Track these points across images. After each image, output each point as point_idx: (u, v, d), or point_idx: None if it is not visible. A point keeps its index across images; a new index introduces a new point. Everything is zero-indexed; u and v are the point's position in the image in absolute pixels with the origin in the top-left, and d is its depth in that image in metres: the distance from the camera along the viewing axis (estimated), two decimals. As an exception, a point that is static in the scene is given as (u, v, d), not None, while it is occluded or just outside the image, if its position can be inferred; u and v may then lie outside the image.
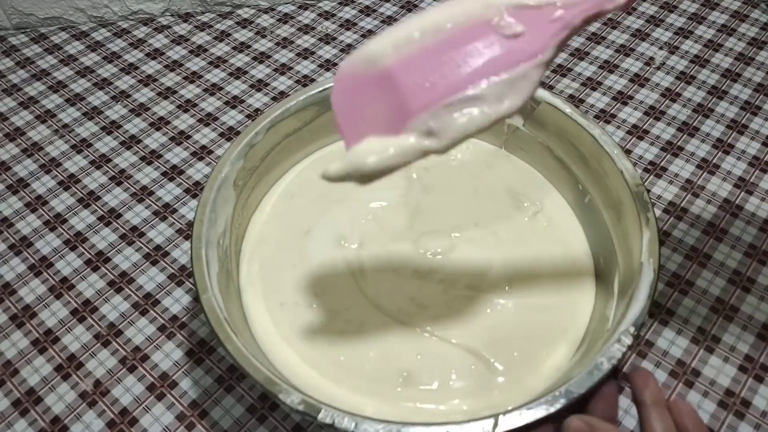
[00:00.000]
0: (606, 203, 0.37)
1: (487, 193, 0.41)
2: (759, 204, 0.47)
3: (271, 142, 0.39)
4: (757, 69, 0.56)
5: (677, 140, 0.51)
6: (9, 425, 0.38)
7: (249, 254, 0.38)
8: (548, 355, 0.34)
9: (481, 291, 0.36)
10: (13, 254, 0.45)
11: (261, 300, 0.36)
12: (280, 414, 0.37)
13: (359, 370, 0.34)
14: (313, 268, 0.37)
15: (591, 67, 0.57)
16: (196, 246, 0.33)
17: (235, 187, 0.37)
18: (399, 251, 0.38)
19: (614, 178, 0.36)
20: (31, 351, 0.41)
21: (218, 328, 0.31)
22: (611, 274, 0.36)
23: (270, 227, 0.39)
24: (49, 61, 0.59)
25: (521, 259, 0.38)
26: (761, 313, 0.41)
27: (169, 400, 0.38)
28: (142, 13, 0.63)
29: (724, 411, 0.37)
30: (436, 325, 0.35)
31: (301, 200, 0.41)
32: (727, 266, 0.43)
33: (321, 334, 0.35)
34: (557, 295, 0.36)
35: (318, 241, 0.38)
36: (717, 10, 0.61)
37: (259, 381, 0.29)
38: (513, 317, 0.36)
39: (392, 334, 0.35)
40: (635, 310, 0.30)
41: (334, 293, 0.36)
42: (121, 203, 0.48)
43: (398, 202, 0.40)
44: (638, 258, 0.33)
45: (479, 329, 0.35)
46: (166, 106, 0.55)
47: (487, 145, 0.44)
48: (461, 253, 0.38)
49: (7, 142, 0.53)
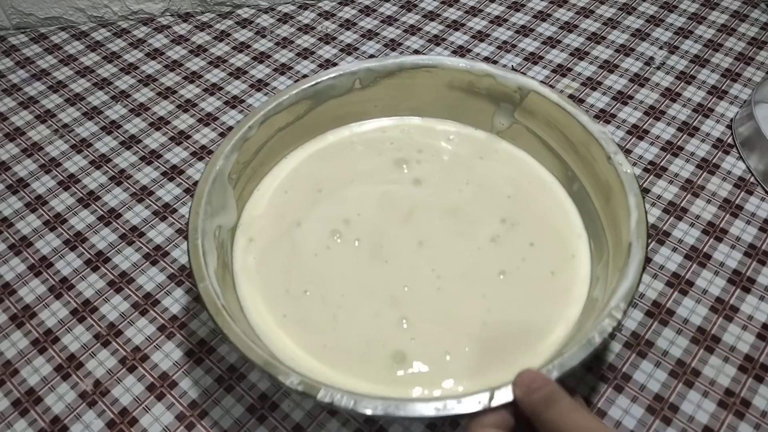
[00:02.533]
0: (595, 188, 0.38)
1: (479, 184, 0.41)
2: (759, 204, 0.47)
3: (264, 135, 0.40)
4: (757, 69, 0.56)
5: (677, 140, 0.51)
6: (9, 425, 0.38)
7: (244, 246, 0.39)
8: (544, 336, 0.34)
9: (475, 278, 0.37)
10: (13, 254, 0.45)
11: (256, 289, 0.37)
12: (280, 414, 0.37)
13: (354, 355, 0.34)
14: (307, 257, 0.38)
15: (591, 67, 0.57)
16: (192, 237, 0.34)
17: (229, 180, 0.38)
18: (391, 241, 0.38)
19: (601, 162, 0.37)
20: (31, 351, 0.41)
21: (217, 316, 0.31)
22: (602, 257, 0.36)
23: (264, 219, 0.40)
24: (49, 61, 0.59)
25: (515, 245, 0.38)
26: (761, 313, 0.41)
27: (169, 400, 0.38)
28: (142, 13, 0.63)
29: (724, 411, 0.37)
30: (430, 310, 0.36)
31: (294, 194, 0.41)
32: (727, 266, 0.43)
33: (315, 321, 0.36)
34: (551, 279, 0.37)
35: (311, 232, 0.39)
36: (717, 10, 0.61)
37: (260, 364, 0.29)
38: (507, 302, 0.36)
39: (386, 319, 0.35)
40: (625, 287, 0.31)
41: (327, 281, 0.37)
42: (121, 203, 0.48)
43: (390, 194, 0.41)
44: (627, 238, 0.33)
45: (473, 314, 0.36)
46: (166, 106, 0.55)
47: (478, 136, 0.44)
48: (454, 242, 0.38)
49: (7, 142, 0.53)
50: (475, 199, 0.40)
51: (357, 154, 0.43)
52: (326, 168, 0.42)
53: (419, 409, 0.28)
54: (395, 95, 0.43)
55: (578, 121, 0.38)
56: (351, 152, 0.43)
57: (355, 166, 0.42)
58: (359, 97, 0.42)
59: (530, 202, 0.40)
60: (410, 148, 0.43)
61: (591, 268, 0.37)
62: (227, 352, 0.40)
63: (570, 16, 0.62)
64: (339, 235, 0.39)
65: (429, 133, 0.43)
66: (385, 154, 0.42)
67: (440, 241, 0.38)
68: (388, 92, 0.43)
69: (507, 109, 0.42)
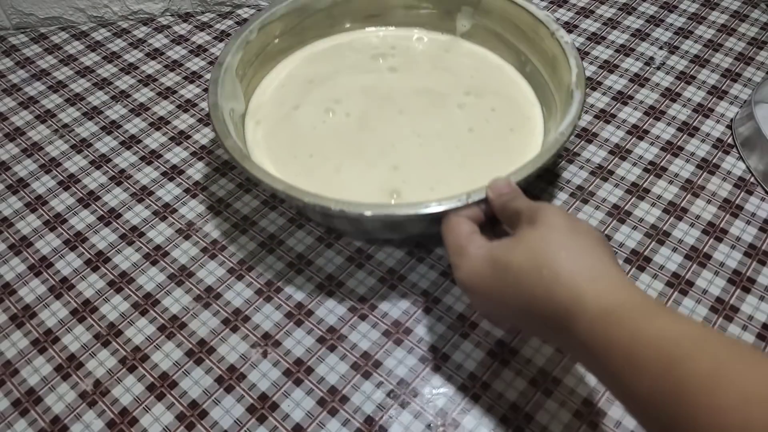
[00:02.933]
0: (544, 63, 0.46)
1: (445, 68, 0.50)
2: (759, 204, 0.47)
3: (262, 41, 0.48)
4: (757, 69, 0.56)
5: (677, 140, 0.51)
6: (9, 425, 0.38)
7: (252, 127, 0.46)
8: (508, 171, 0.38)
9: (449, 134, 0.45)
10: (13, 254, 0.45)
11: (267, 157, 0.44)
12: (280, 414, 0.37)
13: (357, 193, 0.41)
14: (307, 130, 0.46)
15: (591, 67, 0.57)
16: (213, 109, 0.41)
17: (237, 75, 0.45)
18: (376, 113, 0.47)
19: (547, 39, 0.45)
20: (31, 351, 0.41)
21: (244, 161, 0.37)
22: (551, 115, 0.45)
23: (267, 107, 0.48)
24: (49, 61, 0.59)
25: (479, 110, 0.47)
26: (761, 313, 0.41)
27: (169, 400, 0.38)
28: (142, 13, 0.63)
29: (724, 411, 0.37)
30: (415, 160, 0.44)
31: (290, 87, 0.49)
32: (727, 266, 0.43)
33: (322, 175, 0.43)
34: (511, 134, 0.46)
35: (308, 112, 0.47)
36: (717, 10, 0.61)
37: (282, 189, 0.36)
38: (477, 151, 0.45)
39: (380, 168, 0.43)
40: (568, 120, 0.39)
41: (327, 146, 0.45)
42: (121, 203, 0.48)
43: (371, 80, 0.49)
44: (569, 89, 0.41)
45: (450, 159, 0.44)
46: (166, 106, 0.55)
47: (443, 38, 0.53)
48: (429, 110, 0.47)
49: (7, 142, 0.53)
50: (443, 80, 0.49)
51: (340, 55, 0.51)
52: (316, 67, 0.51)
53: (414, 209, 0.35)
54: (369, 7, 0.52)
55: (527, 9, 0.47)
56: (335, 54, 0.52)
57: (339, 63, 0.51)
58: (340, 10, 0.51)
59: (490, 81, 0.49)
60: (385, 46, 0.52)
61: (543, 124, 0.46)
62: (227, 352, 0.40)
63: (570, 16, 0.62)
64: (332, 112, 0.47)
65: (401, 37, 0.53)
66: (364, 51, 0.52)
67: (417, 110, 0.47)
68: (363, 5, 0.52)
69: (467, 12, 0.51)
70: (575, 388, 0.38)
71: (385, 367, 0.39)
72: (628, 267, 0.43)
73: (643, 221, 0.46)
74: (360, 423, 0.37)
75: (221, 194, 0.48)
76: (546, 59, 0.46)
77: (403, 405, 0.38)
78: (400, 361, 0.39)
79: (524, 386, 0.38)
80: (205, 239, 0.46)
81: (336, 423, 0.37)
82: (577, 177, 0.48)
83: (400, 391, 0.38)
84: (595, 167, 0.49)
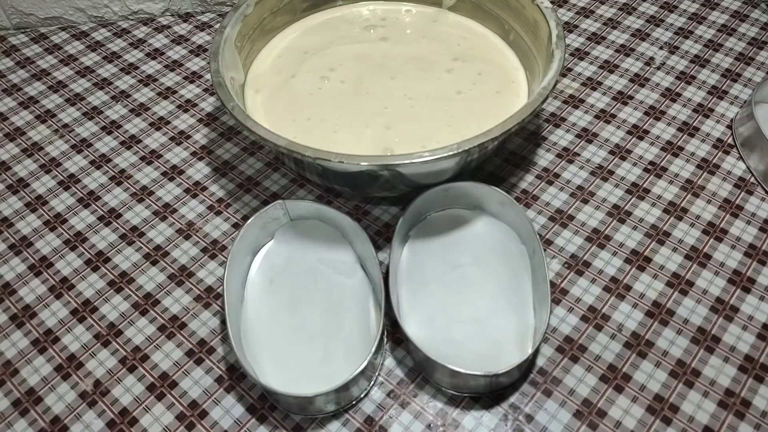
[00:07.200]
0: (526, 30, 0.49)
1: (433, 38, 0.53)
2: (759, 204, 0.47)
3: (258, 15, 0.50)
4: (757, 69, 0.56)
5: (677, 140, 0.51)
6: (9, 425, 0.38)
7: (252, 96, 0.48)
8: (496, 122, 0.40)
9: (438, 96, 0.47)
10: (13, 254, 0.45)
11: (267, 121, 0.46)
12: (280, 414, 0.37)
13: (351, 149, 0.43)
14: (304, 96, 0.48)
15: (591, 67, 0.57)
16: (215, 76, 0.42)
17: (236, 46, 0.47)
18: (369, 79, 0.49)
19: (528, 6, 0.48)
20: (31, 351, 0.41)
21: (246, 120, 0.39)
22: (535, 78, 0.46)
23: (265, 76, 0.50)
24: (49, 61, 0.59)
25: (467, 75, 0.49)
26: (761, 313, 0.41)
27: (169, 400, 0.38)
28: (142, 13, 0.63)
29: (724, 411, 0.37)
30: (407, 121, 0.46)
31: (286, 57, 0.51)
32: (728, 266, 0.43)
33: (320, 136, 0.45)
34: (497, 96, 0.48)
35: (304, 79, 0.49)
36: (717, 10, 0.61)
37: (284, 146, 0.38)
38: (465, 111, 0.47)
39: (374, 128, 0.45)
40: (549, 75, 0.42)
41: (323, 110, 0.47)
42: (121, 203, 0.48)
43: (363, 48, 0.52)
44: (550, 49, 0.43)
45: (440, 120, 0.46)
46: (166, 106, 0.55)
47: (430, 11, 0.55)
48: (418, 75, 0.49)
49: (7, 142, 0.53)
50: (432, 48, 0.52)
51: (333, 28, 0.54)
52: (310, 39, 0.53)
53: (409, 158, 0.37)
54: None
55: None
56: (328, 27, 0.54)
57: (333, 35, 0.53)
58: None
59: (476, 49, 0.51)
60: (376, 18, 0.55)
61: (528, 87, 0.48)
62: (227, 352, 0.40)
63: (570, 17, 0.62)
64: (327, 79, 0.49)
65: (390, 10, 0.55)
66: (356, 23, 0.54)
67: (407, 76, 0.49)
68: None
69: None
70: (575, 388, 0.38)
71: (385, 367, 0.39)
72: (628, 267, 0.43)
73: (643, 221, 0.46)
74: (360, 423, 0.37)
75: (221, 194, 0.48)
76: (528, 26, 0.48)
77: (403, 405, 0.38)
78: (400, 361, 0.39)
79: (524, 386, 0.38)
80: (205, 239, 0.46)
81: (336, 423, 0.37)
82: (577, 177, 0.48)
83: (400, 391, 0.38)
84: (595, 167, 0.49)
